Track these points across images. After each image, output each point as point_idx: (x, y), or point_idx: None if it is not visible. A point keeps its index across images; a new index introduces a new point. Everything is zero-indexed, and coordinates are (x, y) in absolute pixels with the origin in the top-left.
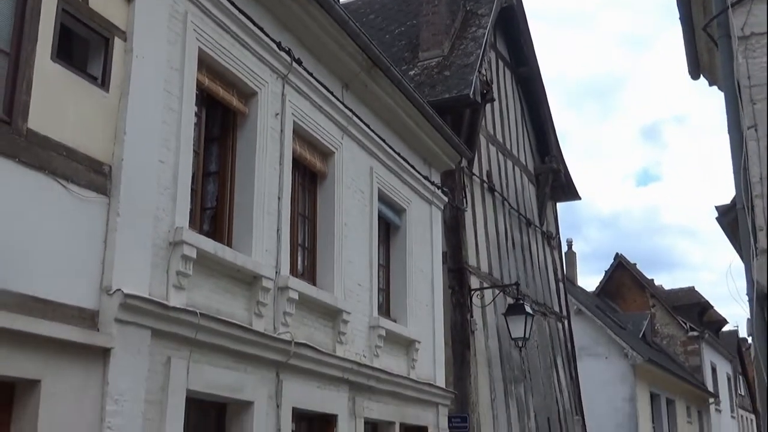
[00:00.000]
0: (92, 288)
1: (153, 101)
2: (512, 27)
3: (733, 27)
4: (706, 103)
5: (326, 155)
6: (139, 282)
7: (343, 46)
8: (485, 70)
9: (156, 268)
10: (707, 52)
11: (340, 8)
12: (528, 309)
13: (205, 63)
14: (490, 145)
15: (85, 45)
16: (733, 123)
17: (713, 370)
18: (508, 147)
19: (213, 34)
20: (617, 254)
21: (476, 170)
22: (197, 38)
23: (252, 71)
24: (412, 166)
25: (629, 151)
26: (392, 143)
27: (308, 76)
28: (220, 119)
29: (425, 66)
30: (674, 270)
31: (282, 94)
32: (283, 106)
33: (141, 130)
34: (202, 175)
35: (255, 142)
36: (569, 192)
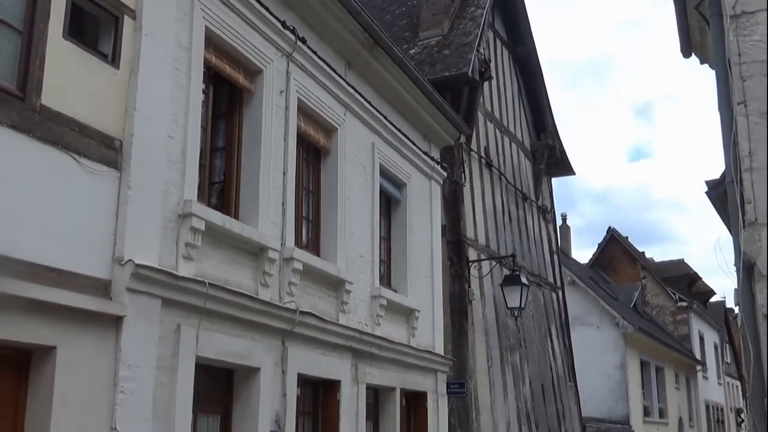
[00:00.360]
0: (105, 258)
1: (162, 78)
2: (509, 7)
3: (725, 6)
4: (697, 82)
5: (329, 131)
6: (150, 253)
7: (346, 26)
8: (483, 50)
9: (166, 240)
10: (699, 31)
11: None
12: (523, 280)
13: (212, 41)
14: (488, 122)
15: (96, 23)
16: (724, 99)
17: (701, 339)
18: (506, 124)
19: (219, 13)
20: (610, 228)
21: (474, 146)
22: (204, 17)
23: (257, 49)
24: (413, 142)
25: (622, 129)
26: (393, 120)
27: (312, 55)
28: (227, 96)
29: (425, 45)
30: (664, 243)
31: (287, 72)
32: (288, 84)
33: (151, 107)
34: (210, 151)
35: (261, 119)
36: (564, 167)
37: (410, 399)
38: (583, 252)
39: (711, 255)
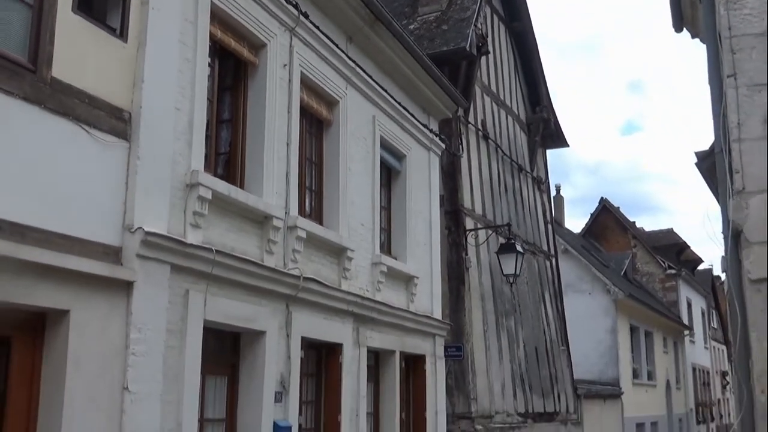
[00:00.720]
0: (115, 226)
1: (169, 52)
2: None
3: None
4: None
5: (332, 104)
6: (159, 221)
7: (347, 1)
8: (481, 25)
9: (174, 208)
10: (690, 6)
11: None
12: (519, 248)
13: (218, 16)
14: (485, 96)
15: None
16: (714, 73)
17: (688, 305)
18: (502, 97)
19: None
20: (602, 198)
21: (472, 119)
22: None
23: (261, 24)
24: (412, 115)
25: (615, 104)
26: (393, 93)
27: (314, 29)
28: (232, 70)
29: (424, 20)
30: (654, 214)
31: (290, 46)
32: (291, 58)
33: (158, 79)
34: (216, 123)
35: (265, 92)
36: (558, 140)
37: (409, 361)
38: (576, 221)
39: (699, 225)
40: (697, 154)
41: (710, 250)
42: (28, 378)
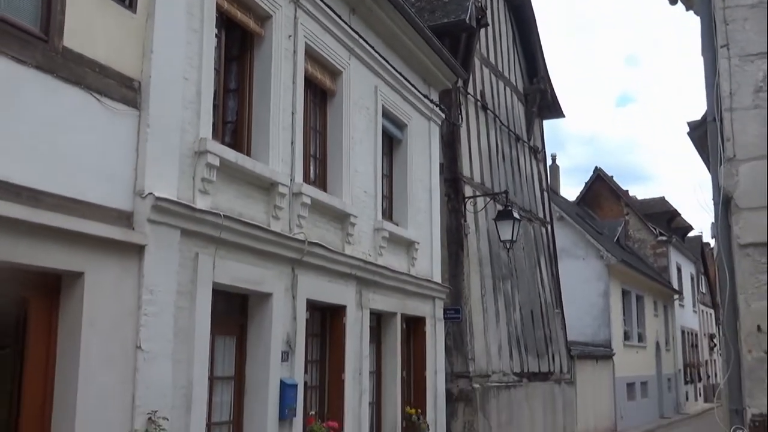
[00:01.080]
0: (127, 192)
1: (177, 22)
2: None
3: None
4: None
5: (335, 74)
6: (169, 187)
7: None
8: None
9: (183, 175)
10: None
11: None
12: (515, 215)
13: None
14: (484, 67)
15: None
16: (707, 44)
17: (678, 271)
18: (500, 69)
19: None
20: (596, 167)
21: (471, 90)
22: None
23: None
24: (413, 86)
25: (611, 77)
26: (395, 64)
27: (318, 1)
28: (239, 40)
29: None
30: (647, 182)
31: (294, 18)
32: (296, 29)
33: (167, 50)
34: (223, 92)
35: (270, 62)
36: (555, 110)
37: (410, 323)
38: (571, 190)
39: (690, 194)
40: (689, 124)
41: (700, 218)
42: (46, 337)
